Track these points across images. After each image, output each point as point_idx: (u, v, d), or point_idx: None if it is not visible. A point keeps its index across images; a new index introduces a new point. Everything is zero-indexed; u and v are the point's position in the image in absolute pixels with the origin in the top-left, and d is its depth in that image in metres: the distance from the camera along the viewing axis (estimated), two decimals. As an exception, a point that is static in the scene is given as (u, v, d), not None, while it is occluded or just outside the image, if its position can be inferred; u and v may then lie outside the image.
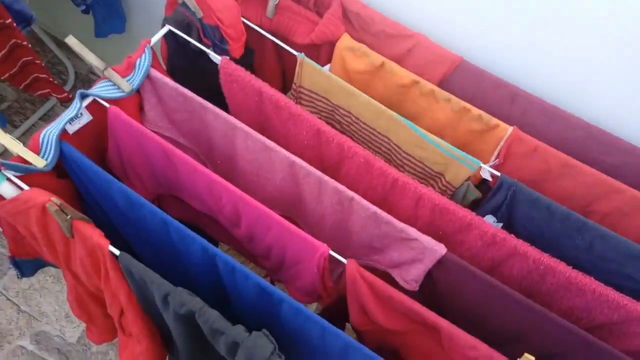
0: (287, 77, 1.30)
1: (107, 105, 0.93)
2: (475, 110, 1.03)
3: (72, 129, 0.92)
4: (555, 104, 1.06)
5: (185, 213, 1.19)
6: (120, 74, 0.95)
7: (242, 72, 1.02)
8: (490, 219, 1.01)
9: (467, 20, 1.08)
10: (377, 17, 1.09)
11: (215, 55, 1.03)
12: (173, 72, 1.13)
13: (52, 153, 0.86)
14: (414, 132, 1.01)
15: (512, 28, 1.04)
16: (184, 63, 1.12)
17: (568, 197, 1.03)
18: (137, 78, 0.96)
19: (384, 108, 1.03)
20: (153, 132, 0.94)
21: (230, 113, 1.06)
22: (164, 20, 1.05)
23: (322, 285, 0.99)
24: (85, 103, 0.92)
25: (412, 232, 0.90)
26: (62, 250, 0.92)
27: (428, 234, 0.90)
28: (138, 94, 1.00)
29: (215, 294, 0.95)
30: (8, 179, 0.84)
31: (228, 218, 1.00)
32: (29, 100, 2.11)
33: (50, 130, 0.88)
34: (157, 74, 0.98)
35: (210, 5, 1.02)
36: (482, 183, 1.07)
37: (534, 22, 1.01)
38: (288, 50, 1.09)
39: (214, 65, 1.04)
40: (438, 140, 1.00)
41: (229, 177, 0.99)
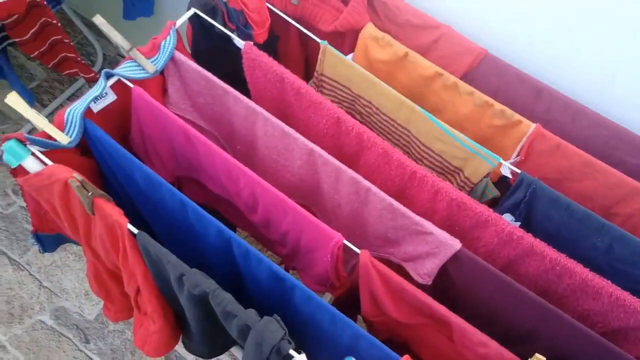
0: (309, 64, 1.30)
1: (131, 86, 0.94)
2: (498, 105, 1.02)
3: (96, 108, 0.94)
4: (581, 102, 1.04)
5: (203, 196, 1.20)
6: (145, 55, 0.97)
7: (265, 57, 1.02)
8: (509, 217, 1.00)
9: (493, 13, 1.06)
10: (403, 6, 1.09)
11: (239, 40, 1.03)
12: (197, 55, 1.14)
13: (76, 130, 0.88)
14: (435, 125, 1.00)
15: (539, 22, 1.02)
16: (208, 46, 1.12)
17: (589, 197, 1.01)
18: (161, 60, 0.97)
19: (405, 99, 1.02)
20: (175, 114, 0.95)
21: (252, 98, 1.07)
22: (190, 3, 1.05)
23: (335, 275, 1.00)
24: (110, 82, 0.94)
25: (427, 225, 0.89)
26: (82, 227, 0.94)
27: (444, 229, 0.90)
28: (162, 76, 1.02)
29: (230, 277, 0.96)
30: (33, 154, 0.86)
31: (245, 202, 1.01)
32: (58, 80, 2.15)
33: (75, 108, 0.89)
34: (181, 57, 0.99)
35: (236, -10, 1.03)
36: (501, 181, 1.06)
37: (562, 16, 0.99)
38: (311, 38, 1.09)
39: (238, 50, 1.04)
40: (459, 135, 0.99)
41: (248, 162, 1.00)
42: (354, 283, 1.00)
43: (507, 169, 1.00)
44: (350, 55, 1.12)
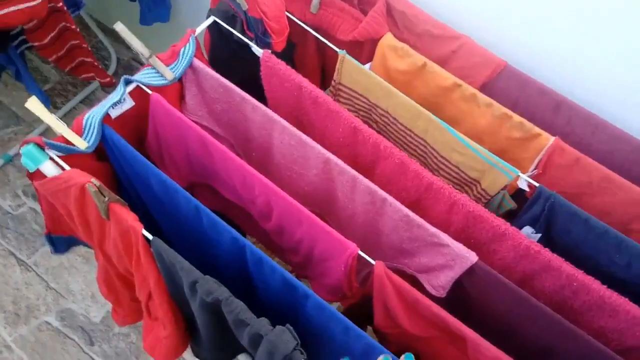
0: (326, 73, 1.30)
1: (149, 92, 0.94)
2: (517, 117, 1.01)
3: (114, 114, 0.94)
4: (601, 115, 1.03)
5: (217, 203, 1.20)
6: (164, 62, 0.97)
7: (282, 66, 1.02)
8: (529, 230, 0.99)
9: (514, 23, 1.06)
10: (422, 16, 1.08)
11: (258, 48, 1.03)
12: (214, 62, 1.14)
13: (94, 136, 0.88)
14: (452, 136, 0.99)
15: (560, 33, 1.01)
16: (226, 54, 1.13)
17: (607, 212, 1.00)
18: (180, 67, 0.97)
19: (423, 110, 1.01)
20: (192, 121, 0.95)
21: (269, 106, 1.06)
22: (209, 12, 1.06)
23: (348, 285, 0.99)
24: (129, 89, 0.94)
25: (444, 237, 0.89)
26: (96, 231, 0.94)
27: (460, 241, 0.89)
28: (180, 83, 1.02)
29: (242, 284, 0.96)
30: (50, 159, 0.86)
31: (259, 210, 1.00)
32: (71, 83, 2.17)
33: (94, 114, 0.89)
34: (199, 64, 0.99)
35: (256, -2, 1.03)
36: (517, 193, 1.05)
37: (583, 27, 0.98)
38: (329, 47, 1.09)
39: (255, 58, 1.04)
40: (476, 146, 0.98)
41: (264, 170, 1.00)
42: (366, 293, 1.00)
43: (524, 182, 0.99)
44: (368, 65, 1.12)
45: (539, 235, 1.00)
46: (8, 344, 1.66)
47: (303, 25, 1.11)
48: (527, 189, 1.00)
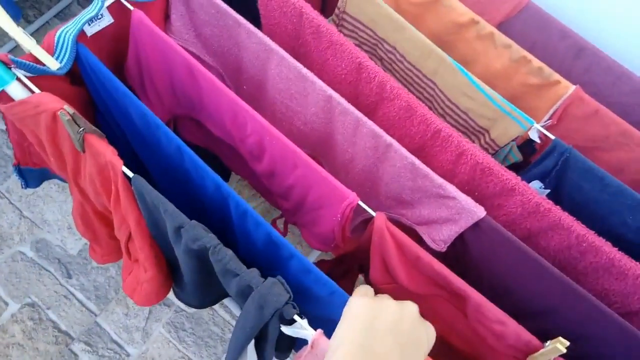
0: (326, 1, 1.18)
1: (131, 8, 0.83)
2: (536, 62, 0.92)
3: (90, 31, 0.83)
4: (624, 65, 0.95)
5: (202, 138, 1.11)
6: (148, -26, 0.85)
7: (283, -12, 0.90)
8: (537, 185, 0.93)
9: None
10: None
11: (255, -35, 0.91)
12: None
13: (67, 55, 0.77)
14: (465, 79, 0.91)
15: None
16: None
17: (620, 169, 0.95)
18: (166, -19, 0.85)
19: (435, 47, 0.92)
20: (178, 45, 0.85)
21: (263, 33, 0.96)
22: None
23: (341, 235, 0.93)
24: (107, 3, 0.82)
25: (450, 189, 0.82)
26: (70, 163, 0.85)
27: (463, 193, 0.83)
28: (165, 0, 0.90)
29: (224, 233, 0.89)
30: (18, 79, 0.76)
31: (250, 150, 0.92)
32: (45, -5, 1.99)
33: (67, 30, 0.78)
34: (188, -21, 0.87)
35: None
36: (524, 145, 0.98)
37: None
38: (335, -30, 0.97)
39: (252, -23, 0.93)
40: (490, 91, 0.90)
41: (255, 105, 0.91)
42: (360, 244, 0.94)
43: (536, 133, 0.92)
44: (377, -7, 1.01)
45: (548, 191, 0.95)
46: (-20, 273, 1.60)
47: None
48: (538, 141, 0.93)
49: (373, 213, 0.83)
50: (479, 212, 0.81)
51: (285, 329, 0.72)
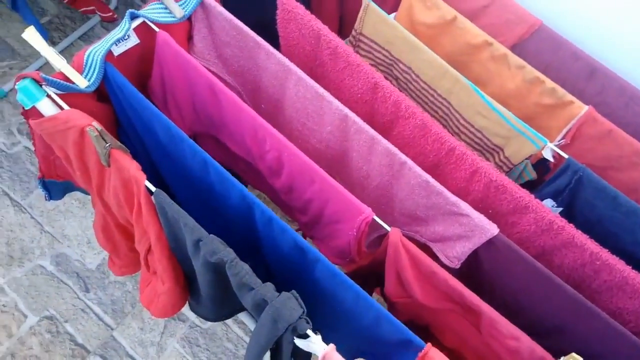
0: (344, 22, 1.21)
1: (156, 30, 0.87)
2: (549, 83, 0.94)
3: (117, 51, 0.86)
4: (637, 85, 0.96)
5: (221, 155, 1.14)
6: (173, -2, 0.89)
7: (301, 10, 0.94)
8: (549, 203, 0.94)
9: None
10: (453, -34, 1.00)
11: (275, -11, 0.95)
12: (227, 2, 1.05)
13: (95, 73, 0.81)
14: (479, 98, 0.93)
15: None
16: (240, -6, 1.04)
17: (634, 188, 0.95)
18: (190, 4, 0.89)
19: (449, 68, 0.94)
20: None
21: (282, 53, 0.99)
22: (224, -55, 0.96)
23: (357, 249, 0.94)
24: (134, 25, 0.86)
25: (464, 207, 0.84)
26: (95, 177, 0.88)
27: (477, 211, 0.84)
28: (189, 22, 0.94)
29: (248, 242, 0.91)
30: (48, 96, 0.79)
31: (269, 166, 0.94)
32: (70, 17, 2.05)
33: (96, 50, 0.82)
34: (211, 2, 0.91)
35: None
36: (538, 163, 0.99)
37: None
38: (351, -7, 1.01)
39: (272, 0, 0.96)
40: (504, 110, 0.92)
41: (272, 123, 0.93)
42: (375, 259, 0.95)
43: (549, 152, 0.93)
44: (393, 15, 1.04)
45: (560, 209, 0.95)
46: (1, 286, 1.63)
47: (325, -33, 1.02)
48: (551, 160, 0.95)
49: (388, 228, 0.84)
50: (492, 229, 0.82)
51: (299, 342, 0.74)
